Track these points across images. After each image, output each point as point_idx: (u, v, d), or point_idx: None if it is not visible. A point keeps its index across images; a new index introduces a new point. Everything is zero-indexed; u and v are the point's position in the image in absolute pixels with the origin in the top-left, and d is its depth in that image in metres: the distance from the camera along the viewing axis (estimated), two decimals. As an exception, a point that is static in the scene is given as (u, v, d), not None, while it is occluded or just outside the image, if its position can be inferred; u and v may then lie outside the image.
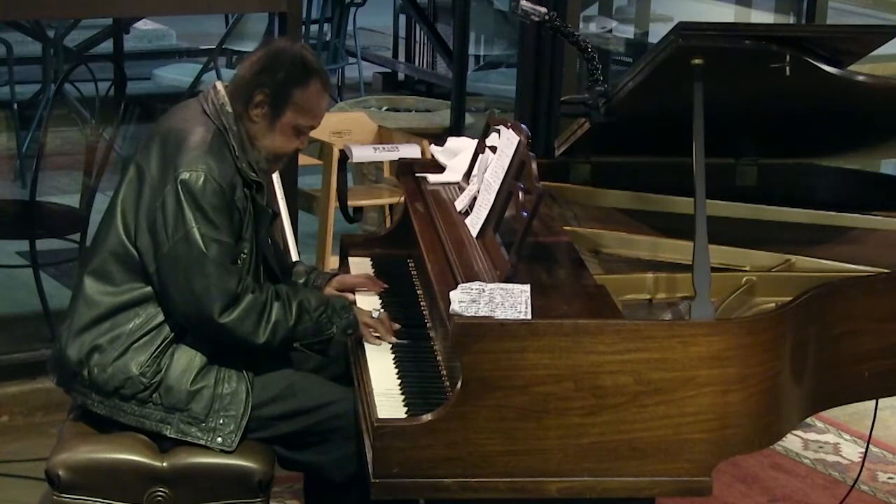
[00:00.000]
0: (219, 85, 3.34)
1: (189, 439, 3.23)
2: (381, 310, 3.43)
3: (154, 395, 3.22)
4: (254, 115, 3.29)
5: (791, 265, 3.38)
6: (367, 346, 3.29)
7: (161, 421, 3.23)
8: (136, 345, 3.23)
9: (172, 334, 3.25)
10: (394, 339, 3.31)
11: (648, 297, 3.26)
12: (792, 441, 4.77)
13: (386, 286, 3.58)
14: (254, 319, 3.21)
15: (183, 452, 3.24)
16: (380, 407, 2.96)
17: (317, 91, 3.30)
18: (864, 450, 4.41)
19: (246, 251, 3.29)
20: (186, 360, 3.24)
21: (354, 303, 3.49)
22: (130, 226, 3.26)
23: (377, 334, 3.31)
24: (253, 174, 3.29)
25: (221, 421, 3.23)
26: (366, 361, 3.23)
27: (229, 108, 3.29)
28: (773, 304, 3.16)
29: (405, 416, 2.94)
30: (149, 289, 3.25)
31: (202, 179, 3.17)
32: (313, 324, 3.29)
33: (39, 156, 5.30)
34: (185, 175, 3.17)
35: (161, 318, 3.25)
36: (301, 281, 3.59)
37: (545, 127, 5.51)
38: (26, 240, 5.27)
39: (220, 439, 3.22)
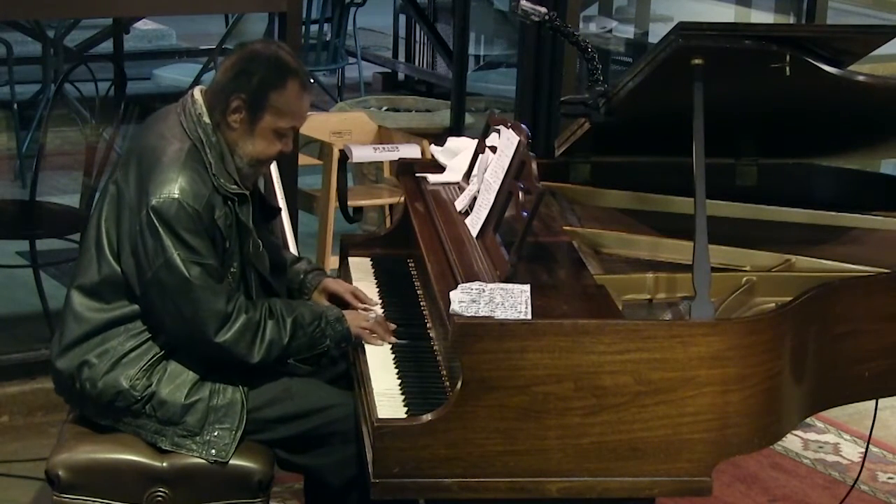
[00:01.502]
0: (196, 93, 3.28)
1: (184, 451, 3.22)
2: (377, 311, 3.42)
3: (147, 408, 3.21)
4: (232, 122, 3.23)
5: (791, 265, 3.38)
6: (366, 346, 3.29)
7: (156, 433, 3.22)
8: (124, 360, 3.21)
9: (163, 350, 3.23)
10: (393, 339, 3.31)
11: (648, 297, 3.26)
12: (792, 441, 4.77)
13: (374, 305, 3.49)
14: (248, 340, 3.19)
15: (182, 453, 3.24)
16: (380, 407, 2.96)
17: (295, 92, 3.23)
18: (864, 450, 4.41)
19: (235, 267, 3.26)
20: (180, 373, 3.22)
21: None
22: (114, 245, 3.23)
23: (376, 335, 3.31)
24: (234, 187, 3.23)
25: (216, 433, 3.21)
26: (366, 361, 3.23)
27: (206, 119, 3.23)
28: (773, 304, 3.16)
29: (405, 416, 2.94)
30: (137, 306, 3.23)
31: (175, 206, 3.12)
32: (307, 339, 3.27)
33: (39, 156, 5.30)
34: (155, 202, 3.12)
35: (150, 333, 3.23)
36: (299, 278, 3.57)
37: (545, 127, 5.51)
38: (26, 240, 5.27)
39: (214, 451, 3.21)
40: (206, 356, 3.22)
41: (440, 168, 3.84)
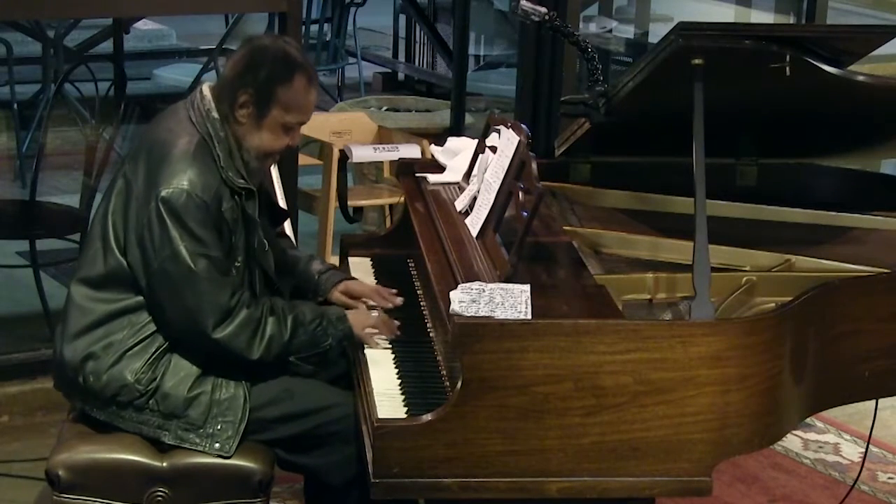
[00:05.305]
0: (205, 88, 3.30)
1: (187, 445, 3.22)
2: (379, 310, 3.42)
3: (151, 402, 3.21)
4: (239, 116, 3.24)
5: (791, 265, 3.38)
6: (367, 345, 3.29)
7: (159, 427, 3.23)
8: (129, 352, 3.21)
9: (167, 343, 3.23)
10: (397, 333, 3.30)
11: (648, 297, 3.26)
12: (792, 441, 4.76)
13: (399, 302, 3.46)
14: (248, 335, 3.19)
15: (183, 452, 3.23)
16: (380, 407, 2.96)
17: (302, 87, 3.26)
18: (864, 450, 4.41)
19: (240, 261, 3.26)
20: (183, 366, 3.22)
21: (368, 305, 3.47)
22: (121, 238, 3.23)
23: (380, 335, 3.30)
24: (241, 181, 3.24)
25: (219, 427, 3.21)
26: (366, 361, 3.23)
27: (215, 114, 3.24)
28: (773, 304, 3.16)
29: (405, 416, 2.94)
30: (142, 298, 3.23)
31: (184, 196, 3.13)
32: (308, 337, 3.27)
33: (39, 156, 5.30)
34: (165, 193, 3.13)
35: (154, 326, 3.23)
36: (315, 279, 3.54)
37: (545, 127, 5.51)
38: (26, 240, 5.27)
39: (217, 445, 3.21)
40: (206, 351, 3.22)
41: (440, 168, 3.84)
